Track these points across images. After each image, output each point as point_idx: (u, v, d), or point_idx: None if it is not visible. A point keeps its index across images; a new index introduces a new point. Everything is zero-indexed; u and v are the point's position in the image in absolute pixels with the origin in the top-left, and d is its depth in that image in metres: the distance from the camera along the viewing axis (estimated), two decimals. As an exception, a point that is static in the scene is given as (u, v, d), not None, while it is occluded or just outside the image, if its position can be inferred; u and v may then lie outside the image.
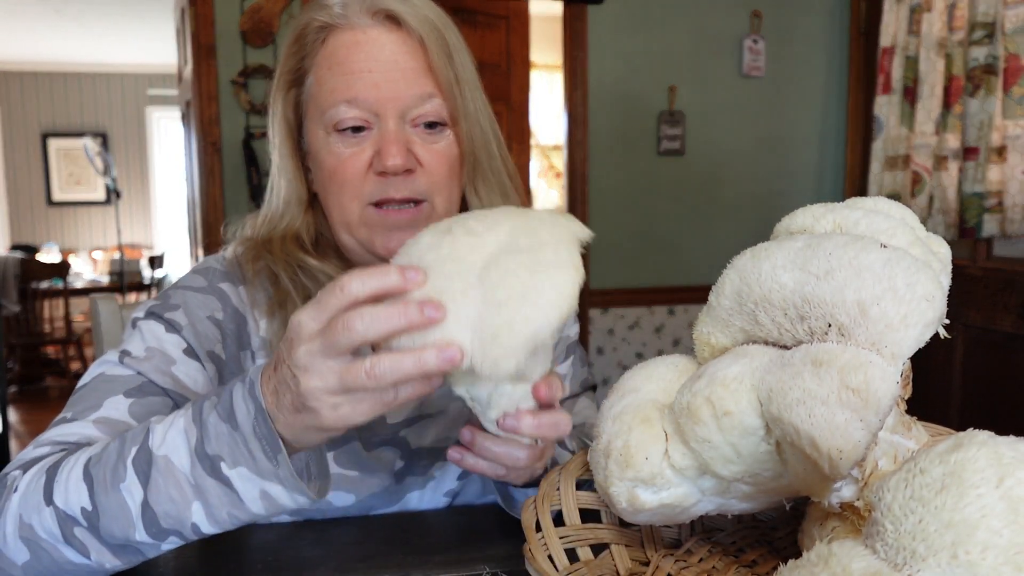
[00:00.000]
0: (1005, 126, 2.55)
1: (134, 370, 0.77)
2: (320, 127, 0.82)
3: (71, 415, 0.74)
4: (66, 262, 5.68)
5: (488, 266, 0.57)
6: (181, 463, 0.61)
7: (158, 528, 0.62)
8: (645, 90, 3.33)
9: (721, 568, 0.69)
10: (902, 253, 0.53)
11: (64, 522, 0.63)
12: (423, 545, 0.79)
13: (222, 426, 0.60)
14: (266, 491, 0.60)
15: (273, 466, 0.59)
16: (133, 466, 0.62)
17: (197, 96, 3.01)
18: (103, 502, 0.62)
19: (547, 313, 0.55)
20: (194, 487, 0.60)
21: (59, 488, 0.63)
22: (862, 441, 0.48)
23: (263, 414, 0.58)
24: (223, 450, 0.60)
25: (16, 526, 0.64)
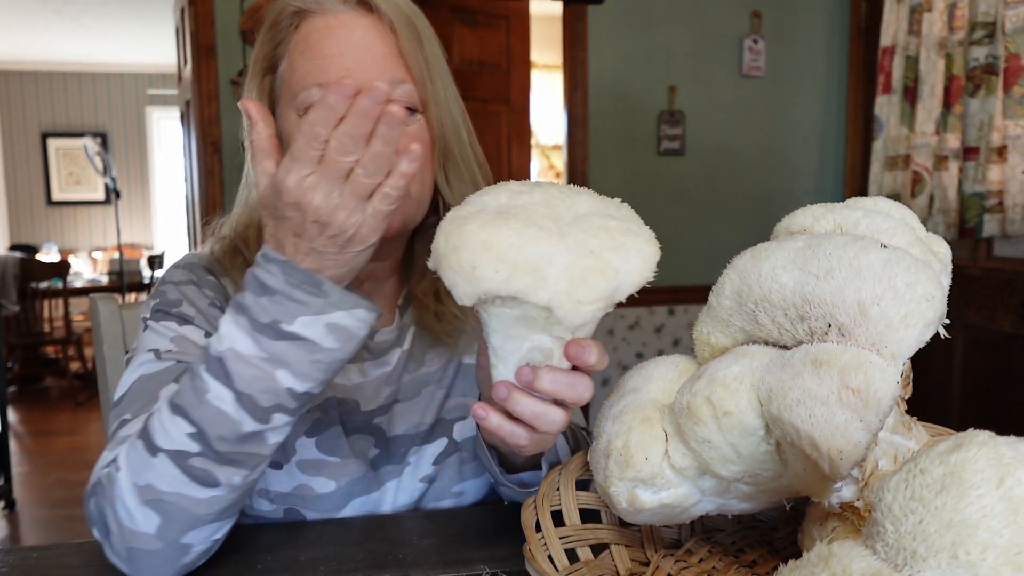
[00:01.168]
0: (1005, 126, 2.55)
1: (173, 360, 0.79)
2: (292, 111, 0.83)
3: (131, 415, 0.75)
4: (66, 262, 5.68)
5: (579, 220, 0.59)
6: (247, 348, 0.65)
7: (261, 410, 0.66)
8: (645, 90, 3.33)
9: (721, 568, 0.69)
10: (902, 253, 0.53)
11: (179, 458, 0.66)
12: (423, 545, 0.79)
13: (261, 300, 0.65)
14: (330, 323, 0.65)
15: (323, 298, 0.65)
16: (209, 374, 0.66)
17: (197, 96, 3.01)
18: (201, 417, 0.66)
19: (632, 272, 0.58)
20: (269, 359, 0.65)
21: (158, 436, 0.67)
22: (862, 441, 0.48)
23: (289, 265, 0.64)
24: (275, 314, 0.65)
25: (135, 496, 0.66)
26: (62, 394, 5.49)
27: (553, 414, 0.64)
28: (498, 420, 0.64)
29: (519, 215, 0.58)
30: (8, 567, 0.75)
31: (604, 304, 0.58)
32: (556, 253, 0.57)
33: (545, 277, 0.56)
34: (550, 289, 0.56)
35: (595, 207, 0.62)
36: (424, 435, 0.91)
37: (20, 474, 3.79)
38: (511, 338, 0.61)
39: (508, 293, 0.56)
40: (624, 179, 3.34)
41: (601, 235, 0.58)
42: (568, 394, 0.62)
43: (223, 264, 0.88)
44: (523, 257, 0.56)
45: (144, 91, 7.53)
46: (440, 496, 0.92)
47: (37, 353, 5.66)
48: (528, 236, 0.56)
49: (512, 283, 0.56)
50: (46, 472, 3.87)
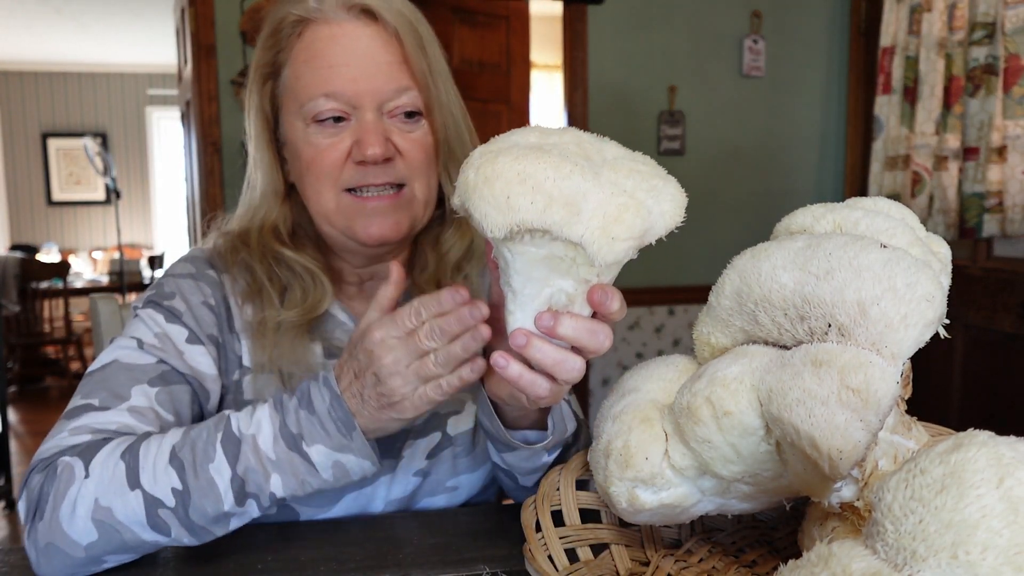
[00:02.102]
0: (1005, 126, 2.55)
1: (155, 357, 0.81)
2: (298, 119, 0.84)
3: (98, 403, 0.78)
4: (66, 262, 5.68)
5: (609, 162, 0.59)
6: (266, 443, 0.71)
7: (243, 495, 0.71)
8: (645, 90, 3.33)
9: (721, 568, 0.69)
10: (902, 253, 0.53)
11: (151, 503, 0.69)
12: (423, 545, 0.79)
13: (301, 412, 0.71)
14: (338, 461, 0.71)
15: (347, 440, 0.70)
16: (222, 448, 0.71)
17: (197, 96, 3.01)
18: (193, 482, 0.70)
19: (665, 215, 0.59)
20: (275, 462, 0.71)
21: (145, 474, 0.70)
22: (862, 441, 0.48)
23: (338, 399, 0.70)
24: (303, 430, 0.71)
25: (90, 509, 0.69)
26: (62, 394, 5.49)
27: (573, 361, 0.63)
28: (519, 369, 0.64)
29: (553, 151, 0.57)
30: (8, 567, 0.75)
31: (636, 243, 0.58)
32: (591, 189, 0.56)
33: (580, 212, 0.56)
34: (584, 224, 0.56)
35: (623, 154, 0.62)
36: (418, 429, 0.91)
37: (20, 474, 3.79)
38: (532, 280, 0.60)
39: (542, 225, 0.56)
40: (624, 179, 3.33)
41: (634, 176, 0.58)
42: (590, 341, 0.62)
43: (224, 260, 0.90)
44: (559, 190, 0.55)
45: (144, 91, 7.52)
46: (434, 490, 0.92)
47: (37, 353, 5.66)
48: (564, 170, 0.56)
49: (548, 215, 0.55)
50: (46, 472, 3.86)
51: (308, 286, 0.87)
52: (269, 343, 0.85)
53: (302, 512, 0.86)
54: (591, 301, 0.61)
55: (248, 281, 0.88)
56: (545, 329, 0.61)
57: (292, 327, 0.86)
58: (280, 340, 0.85)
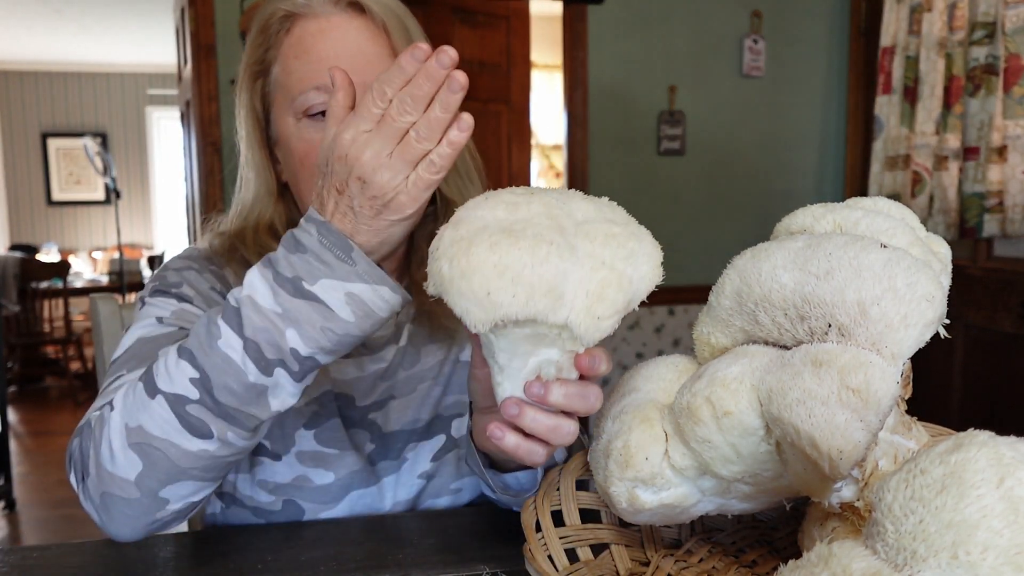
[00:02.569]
0: (1005, 126, 2.55)
1: (176, 326, 0.79)
2: (289, 114, 0.83)
3: (127, 371, 0.75)
4: (66, 262, 5.68)
5: (581, 227, 0.58)
6: (264, 298, 0.64)
7: (265, 361, 0.64)
8: (645, 90, 3.33)
9: (721, 568, 0.69)
10: (902, 253, 0.53)
11: (176, 403, 0.65)
12: (423, 545, 0.79)
13: (291, 256, 0.64)
14: (351, 292, 0.64)
15: (350, 265, 0.63)
16: (224, 321, 0.65)
17: (197, 96, 3.01)
18: (208, 363, 0.65)
19: (645, 280, 0.58)
20: (282, 315, 0.64)
21: (160, 378, 0.66)
22: (862, 441, 0.48)
23: (325, 226, 0.64)
24: (299, 271, 0.64)
25: (123, 437, 0.66)
26: (62, 394, 5.49)
27: (566, 426, 0.62)
28: (515, 439, 0.62)
29: (526, 231, 0.55)
30: (8, 567, 0.75)
31: (621, 315, 0.57)
32: (570, 269, 0.54)
33: (562, 296, 0.54)
34: (567, 307, 0.55)
35: (592, 212, 0.60)
36: (422, 432, 0.91)
37: (20, 474, 3.79)
38: (518, 355, 0.59)
39: (527, 317, 0.54)
40: (624, 179, 3.34)
41: (611, 243, 0.57)
42: (580, 405, 0.61)
43: (223, 257, 0.89)
44: (539, 277, 0.53)
45: (144, 91, 7.52)
46: (438, 493, 0.92)
47: (37, 353, 5.66)
48: (541, 254, 0.54)
49: (531, 306, 0.54)
50: (46, 472, 3.87)
51: None
52: None
53: (307, 508, 0.86)
54: (580, 368, 0.60)
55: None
56: (536, 398, 0.60)
57: None
58: None
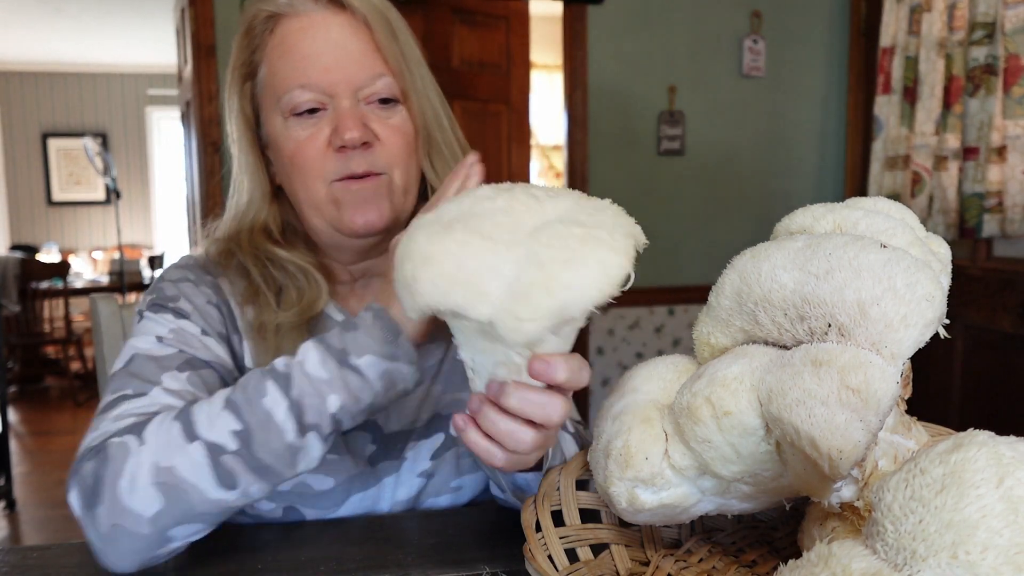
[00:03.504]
0: (1005, 126, 2.55)
1: (175, 348, 0.80)
2: (277, 114, 0.84)
3: (132, 391, 0.76)
4: (66, 262, 5.68)
5: (541, 228, 0.55)
6: (314, 365, 0.70)
7: (304, 425, 0.69)
8: (645, 90, 3.33)
9: (721, 568, 0.69)
10: (902, 253, 0.53)
11: (213, 452, 0.68)
12: (423, 545, 0.79)
13: (345, 334, 0.72)
14: (387, 370, 0.71)
15: (394, 347, 0.71)
16: (273, 379, 0.70)
17: (197, 96, 3.01)
18: (251, 418, 0.69)
19: (586, 288, 0.52)
20: (327, 381, 0.70)
21: (201, 426, 0.69)
22: (862, 441, 0.48)
23: (382, 311, 0.72)
24: (348, 345, 0.71)
25: (151, 474, 0.67)
26: (62, 394, 5.49)
27: (522, 434, 0.60)
28: (475, 436, 0.62)
29: (469, 224, 0.54)
30: (8, 567, 0.75)
31: (553, 319, 0.53)
32: (501, 265, 0.53)
33: (486, 291, 0.53)
34: (492, 304, 0.52)
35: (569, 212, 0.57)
36: (421, 430, 0.91)
37: (20, 474, 3.79)
38: (480, 352, 0.58)
39: (447, 308, 0.53)
40: (624, 179, 3.34)
41: (557, 244, 0.53)
42: (537, 414, 0.59)
43: (220, 265, 0.89)
44: (461, 270, 0.53)
45: (144, 91, 7.52)
46: (439, 491, 0.92)
47: (37, 353, 5.65)
48: (470, 248, 0.53)
49: (450, 297, 0.53)
50: (46, 472, 3.87)
51: (303, 285, 0.87)
52: (271, 347, 0.84)
53: (308, 514, 0.86)
54: (531, 373, 0.56)
55: (245, 284, 0.88)
56: (494, 398, 0.59)
57: (292, 328, 0.85)
58: (281, 343, 0.84)
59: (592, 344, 3.39)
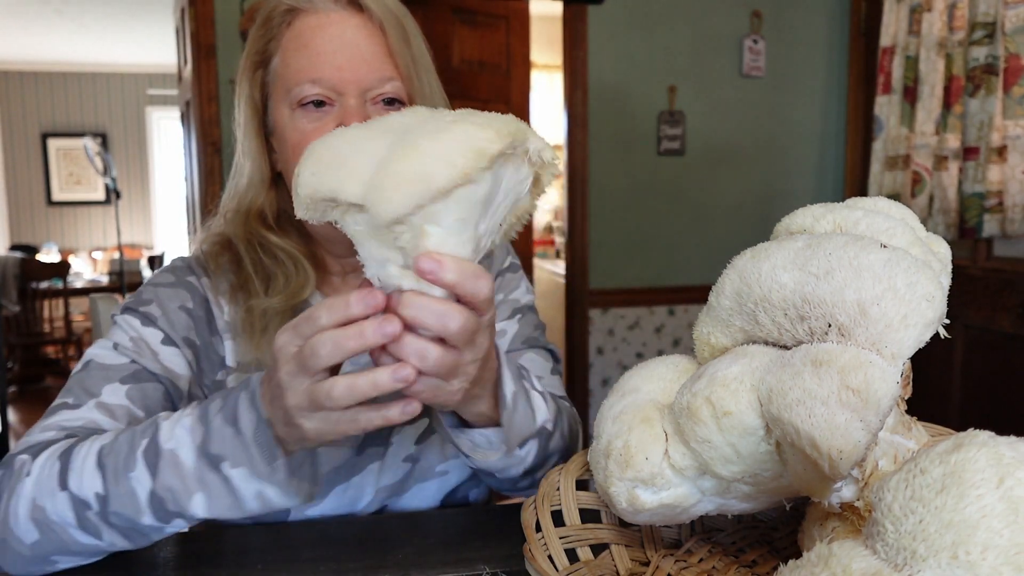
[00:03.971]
0: (1005, 126, 2.55)
1: (128, 358, 0.82)
2: (285, 104, 0.86)
3: (72, 400, 0.79)
4: (66, 262, 5.68)
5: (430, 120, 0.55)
6: (187, 458, 0.66)
7: (164, 512, 0.67)
8: (645, 90, 3.33)
9: (721, 568, 0.69)
10: (902, 253, 0.53)
11: (77, 506, 0.67)
12: (423, 545, 0.79)
13: (227, 429, 0.65)
14: (262, 492, 0.66)
15: (270, 470, 0.65)
16: (143, 458, 0.67)
17: (197, 96, 3.01)
18: (114, 489, 0.67)
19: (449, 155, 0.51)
20: (198, 480, 0.65)
21: (74, 475, 0.68)
22: (862, 441, 0.48)
23: (264, 423, 0.64)
24: (226, 450, 0.65)
25: (29, 508, 0.68)
26: (62, 394, 5.48)
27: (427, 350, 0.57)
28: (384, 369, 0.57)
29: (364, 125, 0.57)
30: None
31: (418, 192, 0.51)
32: (374, 148, 0.53)
33: (357, 171, 0.53)
34: (362, 183, 0.52)
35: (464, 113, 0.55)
36: None
37: (20, 474, 3.79)
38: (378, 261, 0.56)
39: (323, 195, 0.54)
40: (624, 179, 3.34)
41: (425, 125, 0.53)
42: (434, 323, 0.55)
43: (209, 262, 0.92)
44: (334, 154, 0.54)
45: (144, 91, 7.52)
46: (424, 476, 0.92)
47: (37, 353, 5.65)
48: (347, 136, 0.55)
49: (324, 182, 0.54)
50: (46, 472, 3.86)
51: (290, 272, 0.89)
52: (257, 330, 0.86)
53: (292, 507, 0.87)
54: (417, 270, 0.54)
55: (231, 280, 0.90)
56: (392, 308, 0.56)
57: (277, 315, 0.87)
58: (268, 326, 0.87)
59: (592, 344, 3.39)
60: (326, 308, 0.57)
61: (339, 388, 0.57)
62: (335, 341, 0.56)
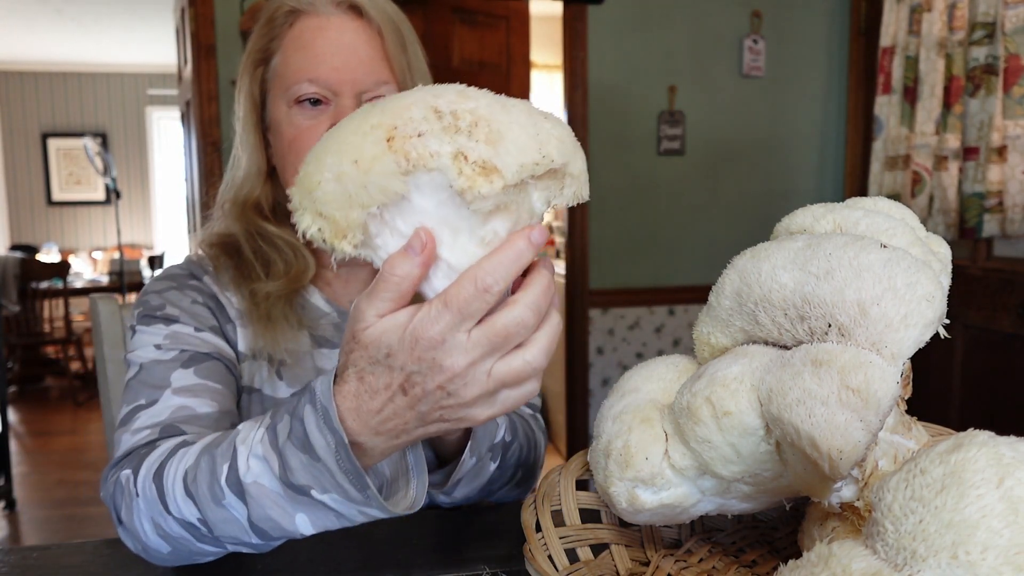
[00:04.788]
0: (1005, 126, 2.55)
1: (176, 349, 0.84)
2: (283, 101, 0.90)
3: (145, 400, 0.79)
4: (66, 262, 5.67)
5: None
6: (273, 487, 0.59)
7: (270, 536, 0.62)
8: (645, 90, 3.33)
9: (721, 568, 0.69)
10: (902, 253, 0.53)
11: (188, 528, 0.66)
12: (423, 545, 0.79)
13: (301, 456, 0.57)
14: (364, 511, 0.59)
15: (364, 498, 0.57)
16: (228, 487, 0.61)
17: (197, 96, 3.01)
18: (212, 516, 0.63)
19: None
20: (292, 503, 0.59)
21: (171, 501, 0.66)
22: (862, 441, 0.48)
23: (345, 448, 0.54)
24: (309, 480, 0.57)
25: (151, 526, 0.68)
26: (62, 394, 5.48)
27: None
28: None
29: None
30: (8, 567, 0.75)
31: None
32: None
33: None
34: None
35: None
36: None
37: (20, 474, 3.79)
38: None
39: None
40: (624, 179, 3.34)
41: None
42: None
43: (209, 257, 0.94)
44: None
45: (144, 91, 7.52)
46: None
47: (37, 353, 5.65)
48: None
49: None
50: (46, 472, 3.87)
51: (290, 259, 0.91)
52: (263, 318, 0.88)
53: None
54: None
55: (232, 271, 0.92)
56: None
57: (280, 301, 0.89)
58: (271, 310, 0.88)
59: (592, 344, 3.39)
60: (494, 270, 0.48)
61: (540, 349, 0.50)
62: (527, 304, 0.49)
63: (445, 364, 0.50)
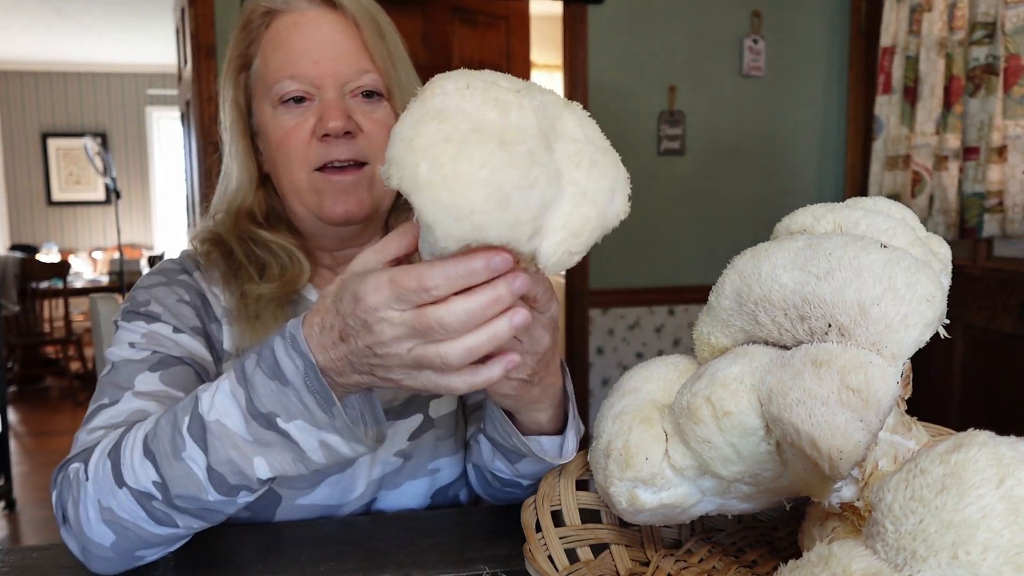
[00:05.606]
0: (1005, 126, 2.55)
1: (148, 350, 0.83)
2: (267, 103, 0.89)
3: (108, 400, 0.79)
4: (66, 262, 5.68)
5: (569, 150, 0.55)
6: (235, 424, 0.63)
7: (227, 487, 0.64)
8: (645, 90, 3.33)
9: (721, 568, 0.69)
10: (902, 253, 0.53)
11: (141, 499, 0.66)
12: (423, 545, 0.79)
13: (270, 383, 0.61)
14: (325, 441, 0.62)
15: (329, 418, 0.61)
16: (189, 434, 0.64)
17: (197, 96, 3.01)
18: (170, 473, 0.65)
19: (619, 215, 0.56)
20: (252, 443, 0.62)
21: (126, 470, 0.67)
22: (862, 441, 0.48)
23: (313, 368, 0.59)
24: (276, 406, 0.61)
25: (97, 511, 0.68)
26: (62, 394, 5.49)
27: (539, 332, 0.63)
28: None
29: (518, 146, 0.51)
30: (8, 567, 0.75)
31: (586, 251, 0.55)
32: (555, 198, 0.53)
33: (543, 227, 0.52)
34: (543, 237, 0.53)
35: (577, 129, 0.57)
36: (398, 410, 0.93)
37: (20, 474, 3.79)
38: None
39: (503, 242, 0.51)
40: (624, 179, 3.33)
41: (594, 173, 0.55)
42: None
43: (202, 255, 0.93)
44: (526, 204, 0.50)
45: (144, 91, 7.52)
46: (415, 473, 0.93)
47: (37, 353, 5.65)
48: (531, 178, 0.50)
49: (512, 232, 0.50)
50: (46, 472, 3.87)
51: (285, 263, 0.91)
52: (251, 318, 0.87)
53: (284, 495, 0.87)
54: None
55: (223, 269, 0.91)
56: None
57: (271, 303, 0.88)
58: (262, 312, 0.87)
59: (592, 344, 3.39)
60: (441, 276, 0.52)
61: (456, 351, 0.53)
62: (455, 311, 0.52)
63: (374, 329, 0.55)
